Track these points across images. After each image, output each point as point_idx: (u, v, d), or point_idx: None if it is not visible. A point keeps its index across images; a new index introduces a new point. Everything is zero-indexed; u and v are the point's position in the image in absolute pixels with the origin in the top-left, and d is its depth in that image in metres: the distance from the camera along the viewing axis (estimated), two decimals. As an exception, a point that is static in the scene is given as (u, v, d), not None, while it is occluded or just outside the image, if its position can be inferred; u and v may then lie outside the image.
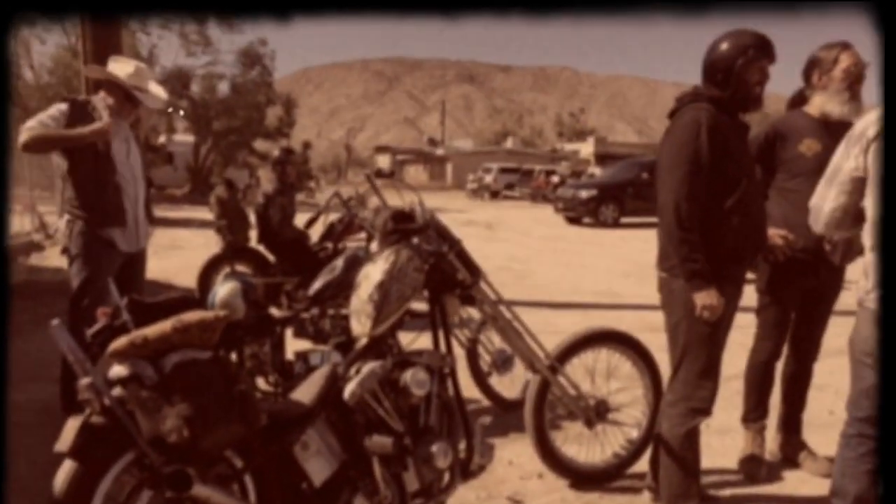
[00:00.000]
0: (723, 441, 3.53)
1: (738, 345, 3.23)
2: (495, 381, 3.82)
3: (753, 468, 3.18)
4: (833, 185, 2.19)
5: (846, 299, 3.02)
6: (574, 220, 18.19)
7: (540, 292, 7.85)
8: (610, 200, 17.50)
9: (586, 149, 46.53)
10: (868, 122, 2.09)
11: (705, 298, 2.46)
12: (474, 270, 2.63)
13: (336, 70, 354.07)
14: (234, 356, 3.12)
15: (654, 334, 5.83)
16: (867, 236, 2.13)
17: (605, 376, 3.19)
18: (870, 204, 2.09)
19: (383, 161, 55.35)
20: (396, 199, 2.83)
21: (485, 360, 3.68)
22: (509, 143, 58.91)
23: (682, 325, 2.59)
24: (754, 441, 3.23)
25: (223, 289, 3.14)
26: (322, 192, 30.77)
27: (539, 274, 9.38)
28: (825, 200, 2.22)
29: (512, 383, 3.78)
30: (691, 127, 2.48)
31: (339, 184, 51.32)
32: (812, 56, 3.02)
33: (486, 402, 3.93)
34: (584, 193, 17.77)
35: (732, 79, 2.47)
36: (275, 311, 4.60)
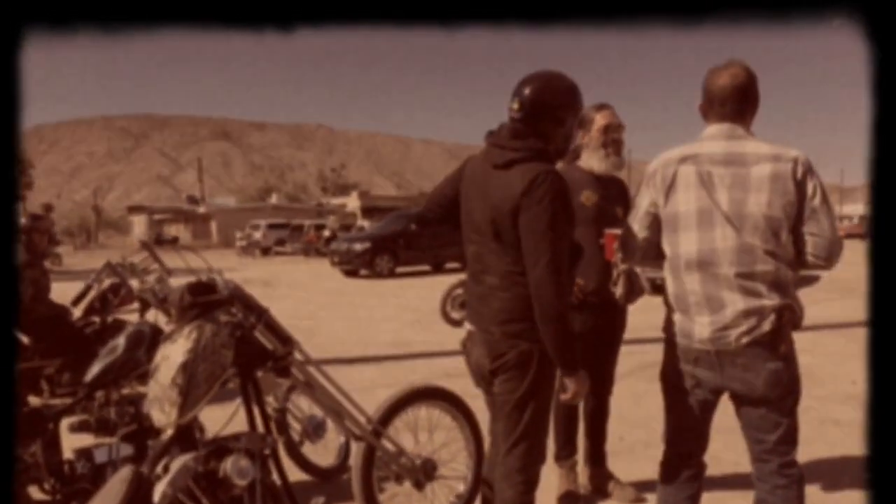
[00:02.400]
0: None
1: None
2: (309, 450, 3.58)
3: (570, 503, 3.29)
4: (635, 221, 2.34)
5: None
6: (351, 273, 18.24)
7: (332, 349, 7.66)
8: (384, 252, 17.83)
9: (352, 202, 47.28)
10: (657, 165, 2.26)
11: (577, 384, 2.23)
12: (286, 340, 2.45)
13: (73, 127, 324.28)
14: None
15: (449, 380, 5.97)
16: (666, 272, 2.28)
17: (428, 432, 3.13)
18: (664, 240, 2.26)
19: (139, 222, 51.31)
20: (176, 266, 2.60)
21: (295, 428, 3.44)
22: (274, 199, 58.06)
23: (532, 403, 2.30)
24: (568, 477, 3.36)
25: None
26: (72, 257, 27.69)
27: (327, 330, 9.17)
28: (630, 236, 2.37)
29: (326, 449, 3.57)
30: (562, 190, 2.16)
31: (90, 248, 46.52)
32: (581, 115, 3.26)
33: (308, 477, 3.67)
34: (358, 246, 17.91)
35: (562, 131, 2.28)
36: (36, 401, 3.96)
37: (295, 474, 3.60)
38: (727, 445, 3.41)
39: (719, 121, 2.20)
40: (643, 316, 4.20)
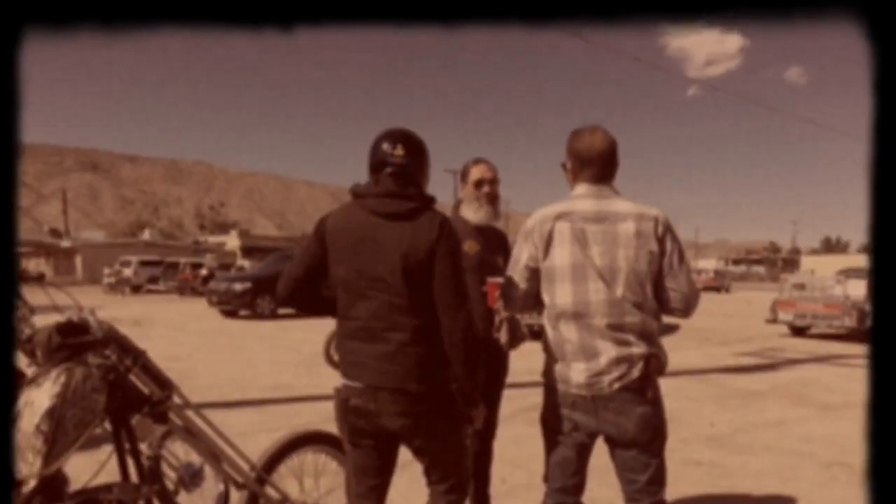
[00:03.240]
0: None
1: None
2: (185, 500, 3.45)
3: None
4: (515, 273, 2.44)
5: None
6: (230, 314, 17.63)
7: (209, 392, 7.37)
8: (266, 292, 17.38)
9: (232, 241, 45.85)
10: (535, 221, 2.39)
11: (479, 411, 2.44)
12: (164, 383, 2.38)
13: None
14: None
15: (334, 424, 5.93)
16: (545, 321, 2.41)
17: (314, 479, 3.09)
18: (543, 292, 2.38)
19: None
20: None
21: (170, 477, 3.29)
22: (147, 235, 55.26)
23: (451, 440, 2.43)
24: None
25: None
26: None
27: (205, 372, 8.82)
28: (512, 287, 2.46)
29: (203, 499, 3.45)
30: (456, 235, 2.31)
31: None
32: (463, 168, 3.40)
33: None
34: (238, 286, 17.39)
35: (426, 182, 2.42)
36: None
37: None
38: (601, 484, 3.60)
39: (588, 181, 2.37)
40: (524, 361, 4.38)
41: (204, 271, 28.46)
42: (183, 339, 12.85)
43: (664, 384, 2.41)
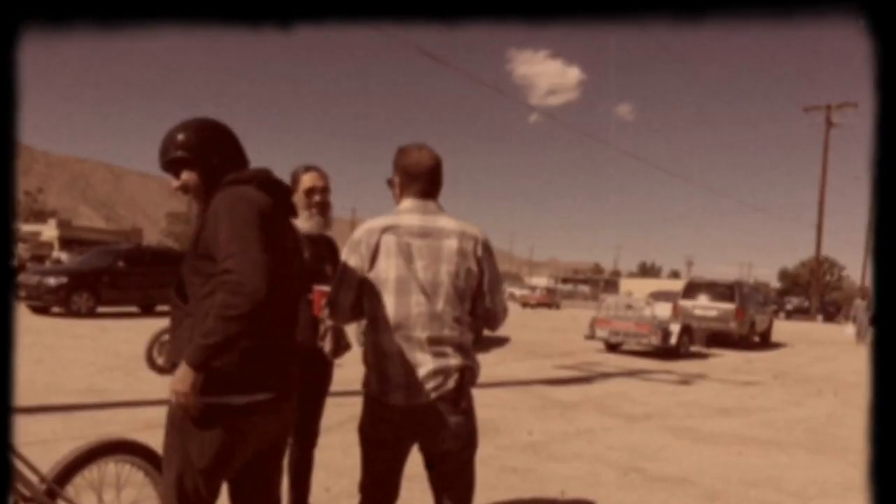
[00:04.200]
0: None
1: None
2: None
3: None
4: (342, 283, 2.46)
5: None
6: (41, 310, 16.10)
7: (7, 396, 6.74)
8: (84, 289, 16.09)
9: (49, 231, 41.93)
10: (362, 233, 2.43)
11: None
12: None
13: None
14: None
15: (152, 431, 5.63)
16: (366, 332, 2.46)
17: (116, 491, 2.90)
18: (366, 303, 2.42)
19: None
20: None
21: None
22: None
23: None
24: None
25: None
26: None
27: (2, 375, 8.03)
28: (338, 296, 2.47)
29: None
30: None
31: None
32: (292, 174, 3.36)
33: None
34: (52, 281, 15.95)
35: None
36: None
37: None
38: (412, 493, 3.70)
39: (415, 196, 2.47)
40: (353, 368, 4.42)
41: (14, 262, 25.83)
42: (-19, 336, 11.58)
43: (491, 394, 2.56)
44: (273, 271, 1.95)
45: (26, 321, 14.67)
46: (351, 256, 2.44)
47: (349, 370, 4.40)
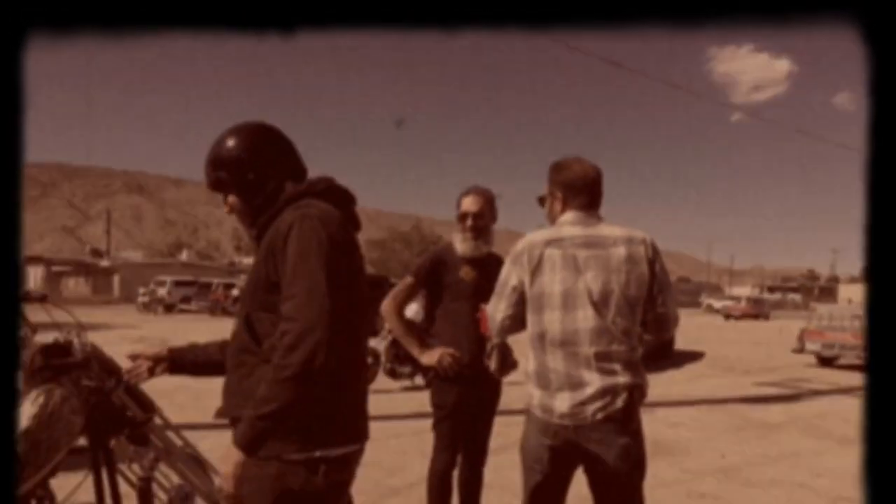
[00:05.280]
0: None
1: (418, 452, 3.44)
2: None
3: None
4: (502, 298, 2.43)
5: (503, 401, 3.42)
6: (255, 335, 17.79)
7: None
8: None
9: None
10: (523, 246, 2.39)
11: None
12: (147, 405, 2.39)
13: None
14: None
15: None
16: (528, 347, 2.40)
17: None
18: (528, 318, 2.37)
19: (35, 274, 48.61)
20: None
21: (161, 499, 3.32)
22: (184, 256, 56.36)
23: None
24: None
25: None
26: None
27: (217, 392, 8.93)
28: (497, 311, 2.45)
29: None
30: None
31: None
32: None
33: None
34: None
35: None
36: None
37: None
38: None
39: (578, 209, 2.41)
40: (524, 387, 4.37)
41: (235, 292, 28.86)
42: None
43: (681, 413, 2.41)
44: (345, 303, 1.70)
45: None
46: (512, 270, 2.41)
47: (521, 389, 4.36)
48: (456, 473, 3.44)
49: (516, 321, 2.43)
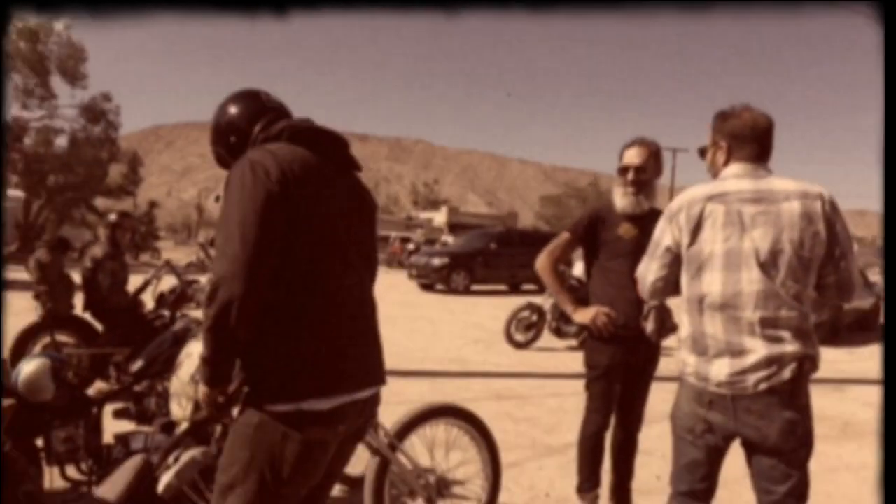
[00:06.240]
0: (561, 510, 3.58)
1: (577, 412, 3.34)
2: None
3: None
4: (654, 258, 2.31)
5: (668, 366, 3.21)
6: (427, 287, 18.43)
7: (390, 360, 7.70)
8: (461, 268, 17.94)
9: (440, 217, 47.74)
10: (681, 202, 2.23)
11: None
12: None
13: (189, 129, 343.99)
14: (41, 441, 2.80)
15: (499, 402, 5.99)
16: (681, 311, 2.24)
17: (445, 451, 3.14)
18: (684, 279, 2.22)
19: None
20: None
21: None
22: (366, 210, 59.28)
23: None
24: None
25: (29, 366, 2.81)
26: (171, 252, 29.43)
27: (391, 341, 9.18)
28: (649, 272, 2.34)
29: (358, 459, 3.64)
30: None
31: (190, 245, 49.09)
32: None
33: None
34: (436, 261, 18.10)
35: None
36: (102, 385, 4.21)
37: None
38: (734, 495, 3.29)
39: (745, 160, 2.19)
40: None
41: (411, 246, 29.94)
42: (380, 308, 13.61)
43: (877, 393, 2.13)
44: (312, 251, 1.67)
45: (415, 297, 16.89)
46: (667, 228, 2.26)
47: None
48: (610, 437, 3.34)
49: (669, 284, 2.30)
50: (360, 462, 3.68)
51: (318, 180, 1.74)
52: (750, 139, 2.19)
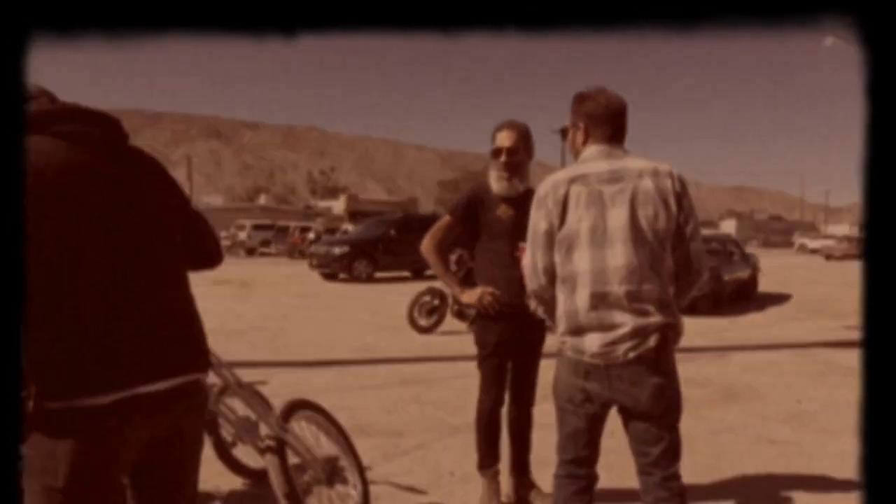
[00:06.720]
0: (466, 489, 3.67)
1: (472, 393, 3.44)
2: (241, 452, 3.62)
3: None
4: (536, 246, 2.35)
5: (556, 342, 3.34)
6: (330, 277, 18.25)
7: (294, 352, 7.70)
8: (363, 256, 17.88)
9: (339, 206, 47.26)
10: (546, 187, 2.31)
11: None
12: None
13: None
14: None
15: (405, 387, 6.04)
16: (559, 291, 2.32)
17: (316, 441, 3.20)
18: (557, 260, 2.30)
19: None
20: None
21: (228, 430, 3.44)
22: (262, 200, 58.01)
23: None
24: (490, 486, 3.39)
25: None
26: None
27: (294, 333, 9.20)
28: (536, 260, 2.37)
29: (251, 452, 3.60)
30: None
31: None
32: None
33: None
34: (337, 250, 17.95)
35: None
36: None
37: (230, 477, 3.65)
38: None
39: (601, 141, 2.31)
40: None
41: (311, 235, 29.54)
42: (283, 300, 13.44)
43: (759, 357, 2.29)
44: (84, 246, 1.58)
45: (317, 287, 16.70)
46: (539, 214, 2.33)
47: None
48: (506, 413, 3.43)
49: (554, 268, 2.35)
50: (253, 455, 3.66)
51: (75, 175, 1.62)
52: (605, 121, 2.31)
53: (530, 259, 2.40)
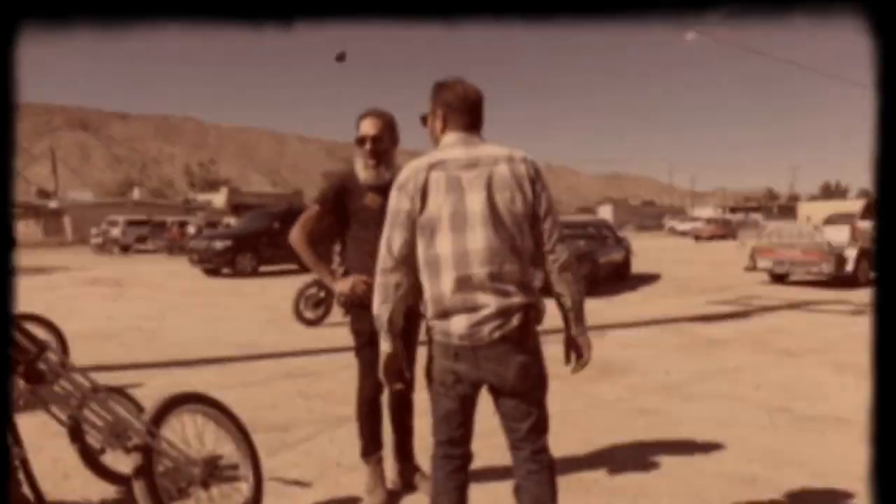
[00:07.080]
0: (352, 478, 3.68)
1: (354, 382, 3.46)
2: (112, 458, 3.45)
3: (376, 498, 3.38)
4: (396, 226, 2.36)
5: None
6: (212, 272, 17.62)
7: (173, 351, 7.40)
8: (246, 250, 17.38)
9: (219, 199, 45.63)
10: (408, 173, 2.34)
11: None
12: (37, 342, 2.45)
13: None
14: None
15: (291, 380, 5.96)
16: (422, 275, 2.36)
17: (198, 439, 3.12)
18: (420, 245, 2.33)
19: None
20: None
21: (95, 436, 3.25)
22: (136, 194, 55.09)
23: None
24: (374, 473, 3.43)
25: None
26: None
27: (173, 331, 8.83)
28: (393, 240, 2.37)
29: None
30: None
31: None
32: None
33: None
34: (219, 244, 17.36)
35: None
36: None
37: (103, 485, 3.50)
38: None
39: (459, 129, 2.39)
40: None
41: (191, 230, 28.38)
42: (161, 297, 12.86)
43: (630, 334, 2.40)
44: None
45: (199, 283, 16.09)
46: (401, 198, 2.35)
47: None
48: (386, 400, 3.46)
49: (413, 249, 2.37)
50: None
51: None
52: (462, 110, 2.39)
53: (386, 238, 2.39)
